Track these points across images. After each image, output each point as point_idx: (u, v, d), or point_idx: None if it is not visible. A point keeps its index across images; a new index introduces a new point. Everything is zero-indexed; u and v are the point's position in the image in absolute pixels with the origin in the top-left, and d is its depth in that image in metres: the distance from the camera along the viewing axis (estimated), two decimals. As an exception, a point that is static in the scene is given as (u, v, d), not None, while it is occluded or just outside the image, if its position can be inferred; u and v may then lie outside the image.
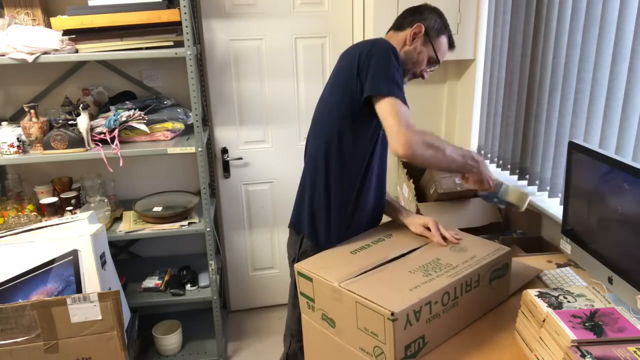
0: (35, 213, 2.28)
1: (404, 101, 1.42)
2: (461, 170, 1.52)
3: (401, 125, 1.35)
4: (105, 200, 2.34)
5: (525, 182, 2.20)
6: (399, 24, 1.63)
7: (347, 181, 1.57)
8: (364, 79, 1.44)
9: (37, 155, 2.14)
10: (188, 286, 2.50)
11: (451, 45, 1.65)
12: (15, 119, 2.49)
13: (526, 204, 1.55)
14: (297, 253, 1.65)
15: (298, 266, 1.40)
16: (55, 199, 2.33)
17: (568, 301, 1.24)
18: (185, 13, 2.04)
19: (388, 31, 1.67)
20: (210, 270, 2.42)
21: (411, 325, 1.18)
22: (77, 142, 2.14)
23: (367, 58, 1.44)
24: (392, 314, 1.13)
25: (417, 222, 1.60)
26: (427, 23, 1.59)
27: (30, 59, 2.02)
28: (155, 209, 2.44)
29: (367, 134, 1.54)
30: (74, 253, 1.81)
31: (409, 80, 1.64)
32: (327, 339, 1.36)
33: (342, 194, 1.58)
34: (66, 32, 2.07)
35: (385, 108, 1.39)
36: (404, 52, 1.59)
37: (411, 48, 1.59)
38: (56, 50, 2.07)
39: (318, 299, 1.35)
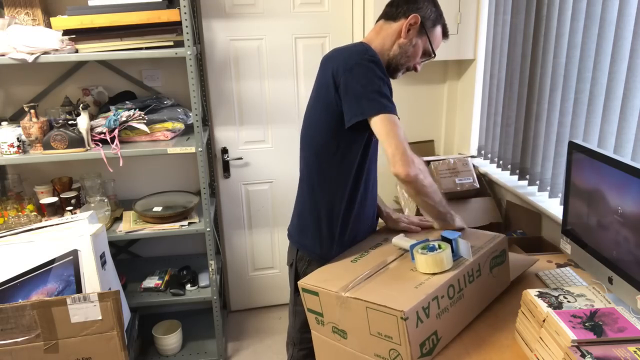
0: (35, 213, 2.28)
1: (395, 112, 1.37)
2: (440, 217, 1.51)
3: (403, 149, 1.33)
4: (105, 200, 2.34)
5: (525, 182, 2.20)
6: (392, 14, 1.50)
7: (337, 193, 1.52)
8: (348, 100, 1.37)
9: (37, 155, 2.14)
10: (188, 286, 2.50)
11: (445, 34, 1.55)
12: (15, 119, 2.49)
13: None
14: (295, 258, 1.65)
15: (302, 283, 1.39)
16: (55, 199, 2.32)
17: (568, 301, 1.24)
18: (185, 13, 2.04)
19: (377, 20, 1.55)
20: (210, 270, 2.42)
21: (422, 323, 1.18)
22: (77, 142, 2.14)
23: (347, 76, 1.36)
24: (403, 313, 1.13)
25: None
26: (422, 13, 1.47)
27: (30, 59, 2.02)
28: (155, 209, 2.44)
29: (354, 146, 1.47)
30: (74, 253, 1.81)
31: (402, 74, 1.56)
32: (341, 352, 1.34)
33: (331, 207, 1.53)
34: (66, 32, 2.07)
35: (380, 127, 1.34)
36: (398, 46, 1.48)
37: (406, 41, 1.47)
38: (56, 50, 2.07)
39: (327, 313, 1.34)
